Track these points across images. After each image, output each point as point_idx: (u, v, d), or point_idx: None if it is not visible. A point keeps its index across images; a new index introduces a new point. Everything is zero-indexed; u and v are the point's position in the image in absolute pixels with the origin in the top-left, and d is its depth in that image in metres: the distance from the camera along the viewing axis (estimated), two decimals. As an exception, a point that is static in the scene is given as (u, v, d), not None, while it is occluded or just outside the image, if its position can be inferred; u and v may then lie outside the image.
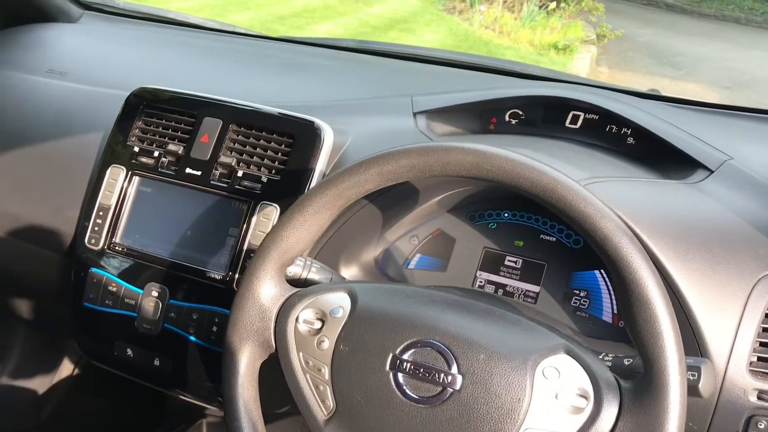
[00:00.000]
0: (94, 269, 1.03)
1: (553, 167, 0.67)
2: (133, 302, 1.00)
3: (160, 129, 1.05)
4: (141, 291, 1.00)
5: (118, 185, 1.04)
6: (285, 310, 0.74)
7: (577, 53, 6.43)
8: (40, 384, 1.73)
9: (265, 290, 0.74)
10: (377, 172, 0.71)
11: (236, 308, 0.74)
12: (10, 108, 1.24)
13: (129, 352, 1.01)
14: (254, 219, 0.96)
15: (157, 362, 0.99)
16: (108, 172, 1.05)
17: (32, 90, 1.27)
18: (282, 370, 0.73)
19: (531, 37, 6.74)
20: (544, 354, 0.65)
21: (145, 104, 1.07)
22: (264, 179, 0.97)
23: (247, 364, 0.74)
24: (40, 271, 1.18)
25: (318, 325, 0.72)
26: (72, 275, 1.05)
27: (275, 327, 0.74)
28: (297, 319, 0.73)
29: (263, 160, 0.99)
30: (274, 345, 0.74)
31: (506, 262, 0.96)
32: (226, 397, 0.73)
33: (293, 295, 0.75)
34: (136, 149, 1.05)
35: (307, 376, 0.71)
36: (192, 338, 0.97)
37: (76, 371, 1.77)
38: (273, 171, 0.97)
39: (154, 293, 0.99)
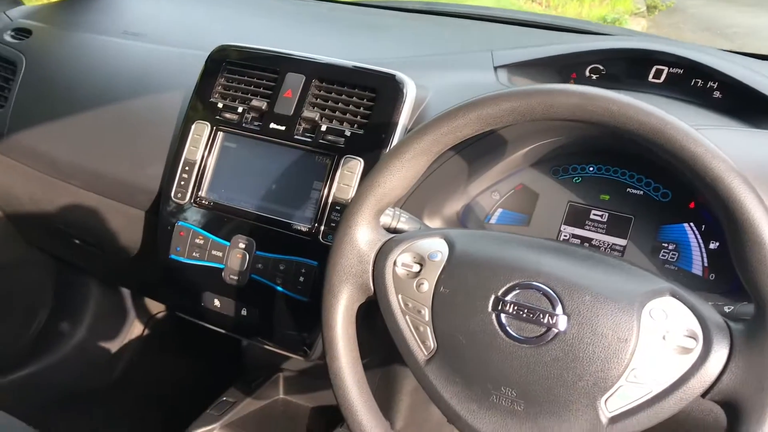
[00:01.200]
0: (180, 223, 1.06)
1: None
2: (221, 254, 1.03)
3: (243, 85, 1.07)
4: (228, 243, 1.02)
5: (203, 141, 1.06)
6: (382, 254, 0.75)
7: (626, 26, 6.30)
8: (111, 343, 1.79)
9: (363, 235, 0.75)
10: (476, 116, 0.71)
11: (335, 252, 0.76)
12: (90, 69, 1.28)
13: (216, 302, 1.04)
14: (338, 173, 0.97)
15: (244, 312, 1.02)
16: (192, 128, 1.07)
17: (110, 51, 1.30)
18: (381, 312, 0.74)
19: (578, 10, 6.61)
20: (650, 296, 0.65)
21: (227, 61, 1.09)
22: (347, 133, 0.98)
23: (346, 306, 0.75)
24: (124, 228, 1.21)
25: (416, 268, 0.73)
26: (158, 229, 1.08)
27: (373, 271, 0.75)
28: (395, 263, 0.74)
29: (346, 114, 0.99)
30: (372, 288, 0.75)
31: (592, 216, 0.95)
32: (327, 338, 0.75)
33: (390, 240, 0.76)
34: (220, 105, 1.07)
35: (407, 317, 0.72)
36: (279, 288, 0.99)
37: (147, 331, 1.83)
38: (356, 125, 0.98)
39: (241, 245, 1.02)
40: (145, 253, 1.21)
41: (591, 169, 0.97)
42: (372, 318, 1.01)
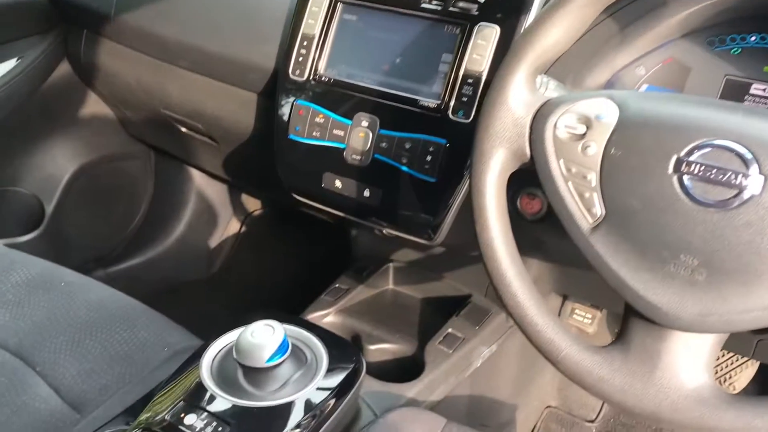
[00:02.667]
0: (299, 101, 1.02)
1: None
2: (342, 133, 0.99)
3: (363, -47, 1.00)
4: (350, 122, 0.98)
5: (321, 14, 1.01)
6: (541, 116, 0.69)
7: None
8: (210, 238, 1.81)
9: (519, 95, 0.69)
10: None
11: (487, 114, 0.70)
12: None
13: (337, 184, 1.00)
14: (471, 43, 0.90)
15: (366, 194, 0.98)
16: (310, 0, 1.01)
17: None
18: (539, 179, 0.69)
19: None
20: None
21: (343, -71, 1.02)
22: None
23: (499, 172, 0.70)
24: (235, 112, 1.18)
25: (581, 130, 0.66)
26: (275, 109, 1.04)
27: (530, 134, 0.69)
28: (555, 126, 0.68)
29: (479, -22, 0.92)
30: (528, 153, 0.69)
31: (752, 91, 0.86)
32: (477, 206, 0.70)
33: (548, 102, 0.69)
34: (339, -25, 1.00)
35: (569, 183, 0.66)
36: (404, 168, 0.94)
37: (244, 228, 1.84)
38: (491, -10, 0.91)
39: (364, 123, 0.97)
40: (258, 138, 1.18)
41: (753, 38, 0.87)
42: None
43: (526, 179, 0.75)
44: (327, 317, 1.15)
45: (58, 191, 1.51)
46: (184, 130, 1.36)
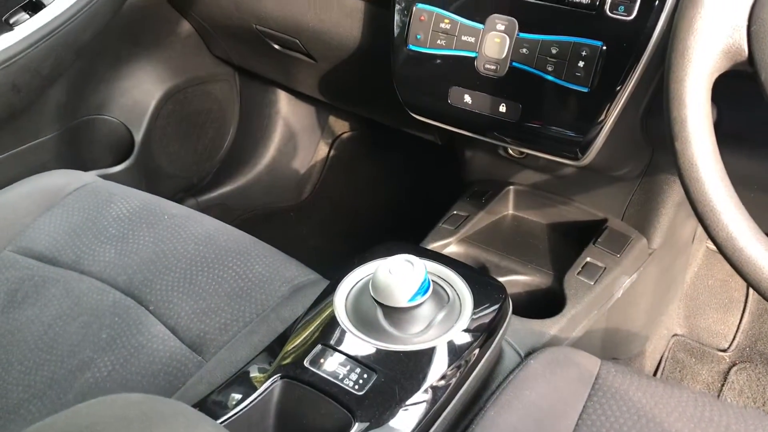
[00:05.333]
0: (419, 5, 0.89)
1: None
2: (473, 39, 0.86)
3: None
4: (482, 26, 0.85)
5: None
6: (764, 2, 0.55)
7: None
8: (301, 162, 1.73)
9: (734, -23, 0.56)
10: None
11: (690, 1, 0.57)
12: None
13: (467, 98, 0.88)
14: None
15: (502, 108, 0.86)
16: None
17: None
18: (758, 84, 0.56)
19: None
20: None
21: None
22: None
23: (705, 75, 0.57)
24: (339, 23, 1.06)
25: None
26: (391, 16, 0.92)
27: (749, 25, 0.56)
28: (785, 14, 0.54)
29: None
30: (746, 50, 0.56)
31: None
32: (677, 118, 0.58)
33: None
34: None
35: (805, 87, 0.54)
36: (549, 78, 0.81)
37: (333, 151, 1.75)
38: None
39: (500, 27, 0.84)
40: (364, 52, 1.06)
41: None
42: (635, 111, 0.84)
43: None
44: (448, 247, 1.06)
45: (146, 119, 1.44)
46: (277, 47, 1.25)
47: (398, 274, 0.69)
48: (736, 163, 0.78)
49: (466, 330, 0.71)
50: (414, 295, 0.69)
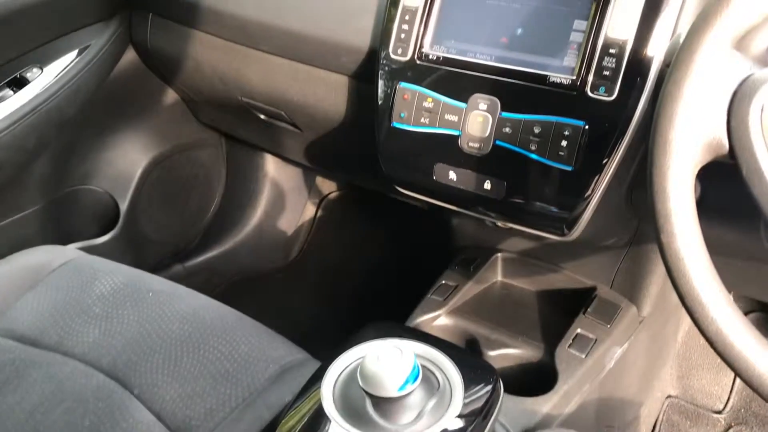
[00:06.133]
0: (403, 84, 0.90)
1: None
2: (456, 118, 0.86)
3: None
4: (464, 105, 0.86)
5: (424, -19, 0.88)
6: (743, 97, 0.55)
7: None
8: (288, 224, 1.73)
9: (712, 70, 0.56)
10: None
11: (671, 96, 0.57)
12: None
13: (452, 175, 0.89)
14: (611, 6, 0.76)
15: (487, 186, 0.86)
16: (411, -34, 0.89)
17: None
18: (740, 177, 0.56)
19: None
20: None
21: None
22: (622, -47, 0.77)
23: (688, 168, 0.57)
24: (324, 98, 1.07)
25: (802, 115, 0.53)
26: (376, 93, 0.93)
27: (729, 120, 0.56)
28: (762, 109, 0.55)
29: (616, -71, 0.78)
30: (726, 144, 0.57)
31: None
32: (662, 210, 0.58)
33: (750, 78, 0.56)
34: (443, -65, 0.87)
35: (787, 181, 0.54)
36: (533, 156, 0.82)
37: (321, 212, 1.75)
38: (633, -59, 0.77)
39: (482, 106, 0.85)
40: (350, 125, 1.07)
41: None
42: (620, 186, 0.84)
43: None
44: (438, 320, 1.05)
45: (131, 187, 1.43)
46: (263, 117, 1.25)
47: (387, 363, 0.67)
48: (717, 232, 0.78)
49: (459, 416, 0.69)
50: (404, 383, 0.68)
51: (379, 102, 0.92)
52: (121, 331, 0.93)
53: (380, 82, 0.92)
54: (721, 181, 0.74)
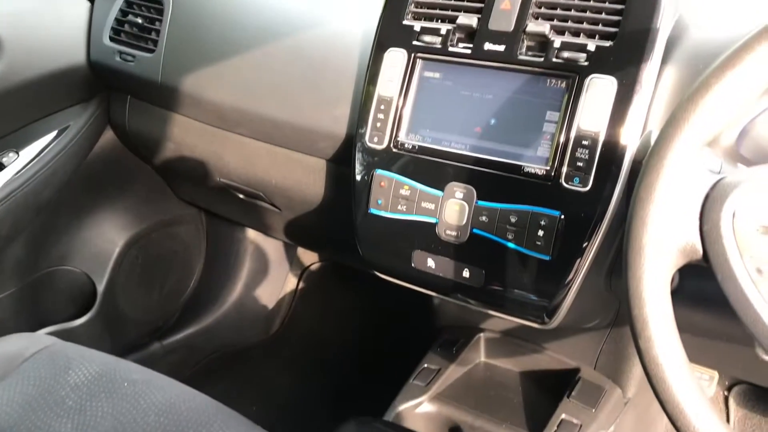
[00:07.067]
0: (379, 171, 0.90)
1: None
2: (433, 206, 0.86)
3: (442, 1, 0.88)
4: (441, 193, 0.86)
5: (399, 72, 0.89)
6: (714, 201, 0.56)
7: None
8: (268, 297, 1.70)
9: (683, 176, 0.56)
10: None
11: (643, 200, 0.57)
12: (251, 1, 1.11)
13: (430, 263, 0.88)
14: (582, 98, 0.77)
15: (465, 274, 0.86)
16: (385, 57, 0.90)
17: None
18: (716, 280, 0.56)
19: None
20: None
21: (418, -27, 0.90)
22: (591, 48, 0.78)
23: (662, 273, 0.57)
24: (301, 180, 1.07)
25: (771, 220, 0.53)
26: (353, 180, 0.93)
27: (701, 225, 0.56)
28: (735, 214, 0.55)
29: (583, 23, 0.79)
30: (699, 249, 0.56)
31: None
32: (638, 317, 0.57)
33: (721, 182, 0.57)
34: (417, 28, 0.89)
35: (761, 288, 0.54)
36: (510, 245, 0.82)
37: (302, 284, 1.73)
38: (602, 36, 0.78)
39: (458, 194, 0.85)
40: (329, 208, 1.07)
41: None
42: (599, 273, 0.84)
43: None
44: (421, 407, 1.02)
45: (108, 267, 1.41)
46: (242, 197, 1.25)
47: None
48: (697, 317, 0.78)
49: None
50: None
51: (356, 188, 0.92)
52: (95, 425, 0.90)
53: (357, 169, 0.92)
54: (698, 270, 0.74)
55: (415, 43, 0.88)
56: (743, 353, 0.93)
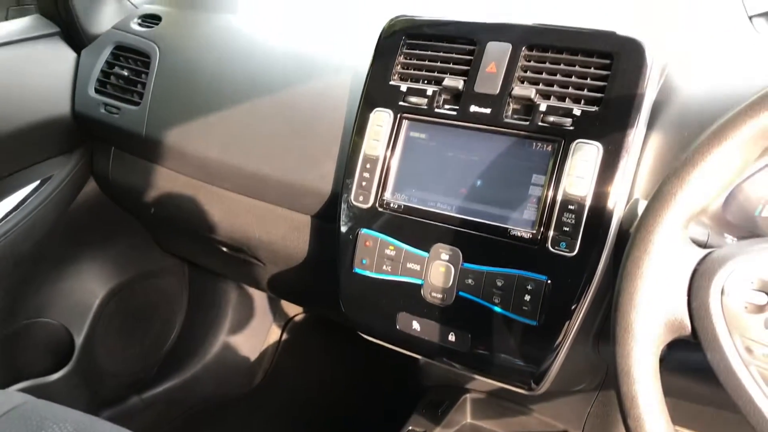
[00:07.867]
0: (364, 231, 0.89)
1: None
2: (418, 267, 0.85)
3: (430, 62, 0.88)
4: (426, 254, 0.85)
5: (385, 132, 0.89)
6: (701, 276, 0.55)
7: None
8: (251, 349, 1.67)
9: (671, 250, 0.56)
10: None
11: (630, 276, 0.56)
12: (234, 53, 1.12)
13: (415, 325, 0.86)
14: (568, 163, 0.77)
15: (451, 338, 0.84)
16: (371, 117, 0.90)
17: (256, 31, 1.15)
18: (707, 360, 0.54)
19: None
20: None
21: (406, 35, 0.91)
22: (577, 112, 0.78)
23: (651, 349, 0.56)
24: (286, 236, 1.06)
25: (762, 299, 0.53)
26: (338, 239, 0.91)
27: (690, 301, 0.55)
28: (723, 291, 0.54)
29: (569, 88, 0.79)
30: (688, 325, 0.55)
31: None
32: (627, 394, 0.56)
33: (708, 257, 0.56)
34: (403, 89, 0.89)
35: (752, 369, 0.52)
36: (497, 309, 0.80)
37: (285, 335, 1.70)
38: (587, 101, 0.78)
39: (444, 256, 0.84)
40: (314, 264, 1.05)
41: None
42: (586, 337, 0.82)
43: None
44: (406, 472, 1.00)
45: (88, 319, 1.38)
46: (226, 250, 1.23)
47: None
48: (687, 384, 0.76)
49: None
50: None
51: (341, 246, 0.91)
52: (66, 491, 0.86)
53: (342, 227, 0.91)
54: (685, 347, 0.73)
55: (401, 103, 0.88)
56: (732, 418, 0.91)
